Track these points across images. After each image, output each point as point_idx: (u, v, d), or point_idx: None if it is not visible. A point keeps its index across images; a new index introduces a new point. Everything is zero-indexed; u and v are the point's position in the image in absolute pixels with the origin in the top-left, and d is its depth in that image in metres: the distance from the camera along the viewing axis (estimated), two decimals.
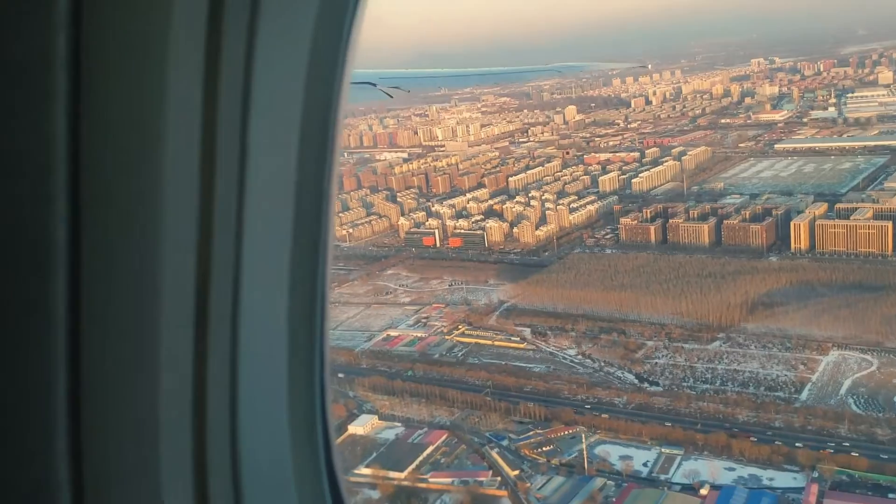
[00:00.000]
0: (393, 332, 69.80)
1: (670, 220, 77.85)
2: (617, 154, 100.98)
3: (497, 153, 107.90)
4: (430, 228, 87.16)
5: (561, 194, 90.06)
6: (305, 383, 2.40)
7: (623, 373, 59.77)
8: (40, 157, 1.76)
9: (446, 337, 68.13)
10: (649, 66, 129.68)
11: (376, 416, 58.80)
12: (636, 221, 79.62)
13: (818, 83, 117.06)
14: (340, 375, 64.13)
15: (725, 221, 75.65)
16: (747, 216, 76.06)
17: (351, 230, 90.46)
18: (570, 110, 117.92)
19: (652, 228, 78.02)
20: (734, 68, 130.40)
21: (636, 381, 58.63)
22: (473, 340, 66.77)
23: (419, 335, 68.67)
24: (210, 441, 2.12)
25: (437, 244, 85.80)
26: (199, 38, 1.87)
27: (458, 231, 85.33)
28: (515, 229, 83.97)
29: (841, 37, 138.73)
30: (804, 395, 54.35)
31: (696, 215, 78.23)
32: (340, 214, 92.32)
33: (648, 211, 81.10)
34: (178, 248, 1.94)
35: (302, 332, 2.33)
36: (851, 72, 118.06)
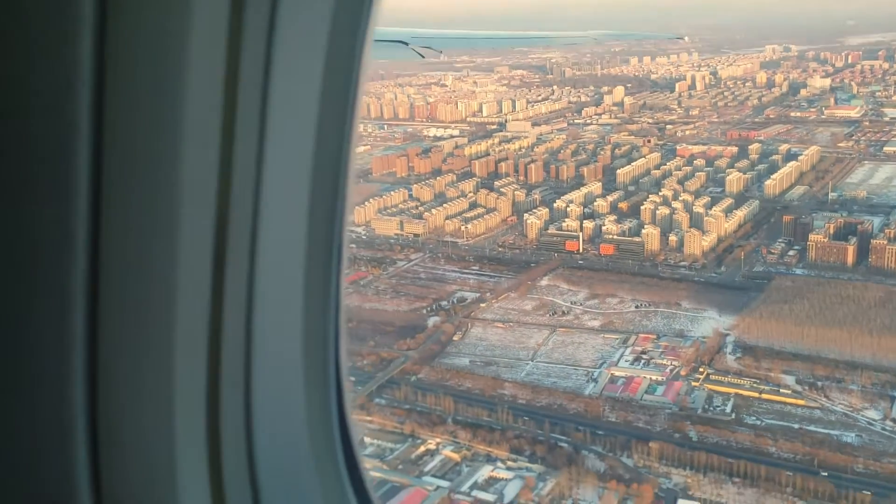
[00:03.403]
0: (617, 372, 54.24)
1: (872, 241, 64.25)
2: (712, 147, 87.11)
3: (564, 136, 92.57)
4: (570, 230, 71.16)
5: (696, 194, 75.45)
6: (321, 366, 2.31)
7: None
8: (63, 150, 1.75)
9: (693, 383, 52.96)
10: (686, 39, 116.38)
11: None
12: (826, 238, 65.74)
13: (860, 77, 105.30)
14: (592, 432, 48.76)
15: None
16: None
17: (466, 226, 73.67)
18: (619, 91, 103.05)
19: (849, 249, 64.33)
20: (747, 53, 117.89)
21: None
22: (732, 390, 52.07)
23: (655, 378, 53.43)
24: (224, 425, 2.04)
25: (580, 249, 69.91)
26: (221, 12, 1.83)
27: (609, 236, 69.57)
28: (672, 236, 68.70)
29: (835, 27, 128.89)
30: None
31: (893, 235, 65.06)
32: (444, 206, 76.05)
33: (831, 226, 67.26)
34: (195, 235, 1.89)
35: (318, 309, 2.25)
36: (886, 66, 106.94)
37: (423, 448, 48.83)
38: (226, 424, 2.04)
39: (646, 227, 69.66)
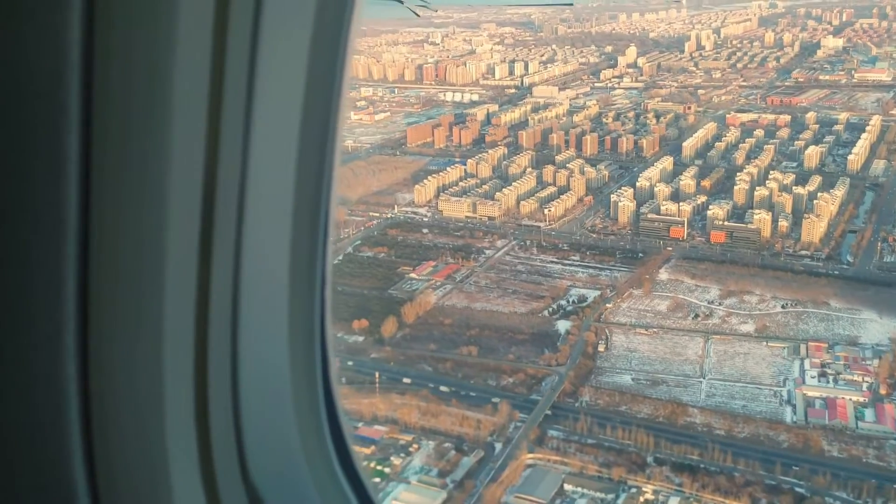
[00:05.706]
0: (810, 392, 46.17)
1: None
2: (763, 116, 79.76)
3: (595, 102, 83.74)
4: (670, 214, 62.53)
5: (782, 171, 67.76)
6: (308, 353, 2.25)
7: None
8: (53, 139, 1.72)
9: None
10: (683, 1, 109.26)
11: None
12: None
13: (864, 36, 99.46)
14: (829, 473, 40.78)
15: None
16: None
17: (547, 209, 64.21)
18: (631, 52, 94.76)
19: None
20: (732, 10, 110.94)
21: None
22: None
23: (857, 399, 45.53)
24: (212, 393, 2.00)
25: (685, 236, 61.49)
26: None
27: (718, 222, 61.19)
28: (782, 221, 60.77)
29: None
30: None
31: None
32: (513, 185, 66.51)
33: None
34: (182, 223, 1.85)
35: (304, 294, 2.20)
36: (885, 24, 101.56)
37: (642, 500, 39.75)
38: (215, 417, 1.97)
39: (757, 212, 61.24)
